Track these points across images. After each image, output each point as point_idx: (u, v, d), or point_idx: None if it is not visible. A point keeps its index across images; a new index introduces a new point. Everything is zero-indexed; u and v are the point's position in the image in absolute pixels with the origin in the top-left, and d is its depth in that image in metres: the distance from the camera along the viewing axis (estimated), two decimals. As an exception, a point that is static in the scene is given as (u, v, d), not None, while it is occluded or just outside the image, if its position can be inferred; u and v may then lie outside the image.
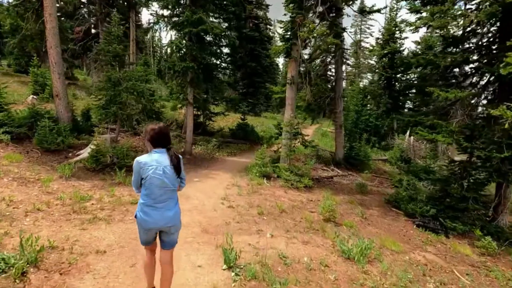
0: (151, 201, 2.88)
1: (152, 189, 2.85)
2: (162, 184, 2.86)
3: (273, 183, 9.70)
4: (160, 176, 2.84)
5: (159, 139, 2.94)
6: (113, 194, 7.06)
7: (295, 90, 10.80)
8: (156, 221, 2.90)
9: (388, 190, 11.40)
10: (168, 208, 2.96)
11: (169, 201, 2.96)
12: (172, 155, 2.95)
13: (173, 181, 2.94)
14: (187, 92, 11.79)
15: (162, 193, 2.89)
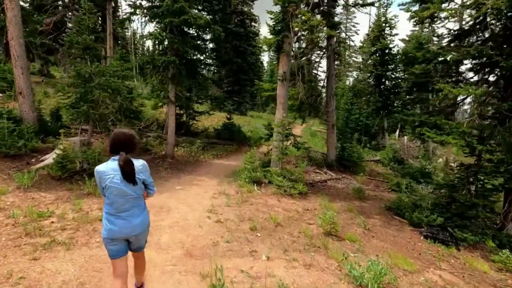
0: (114, 211, 2.76)
1: (113, 198, 2.73)
2: (122, 193, 2.72)
3: (264, 190, 8.79)
4: (117, 185, 2.70)
5: (115, 146, 2.74)
6: (79, 209, 6.01)
7: (287, 87, 9.92)
8: (122, 230, 2.78)
9: (386, 195, 10.69)
10: (134, 216, 2.83)
11: (134, 209, 2.84)
12: (121, 162, 2.65)
13: (135, 189, 2.78)
14: (169, 90, 10.74)
15: (124, 202, 2.76)
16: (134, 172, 2.72)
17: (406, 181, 11.42)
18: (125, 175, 2.67)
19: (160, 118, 15.73)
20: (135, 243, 2.97)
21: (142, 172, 2.82)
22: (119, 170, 2.66)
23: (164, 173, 9.73)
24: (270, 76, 44.67)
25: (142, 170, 2.83)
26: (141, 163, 2.85)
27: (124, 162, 2.65)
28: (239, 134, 16.27)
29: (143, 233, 2.96)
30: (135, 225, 2.83)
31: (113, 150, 2.74)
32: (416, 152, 16.09)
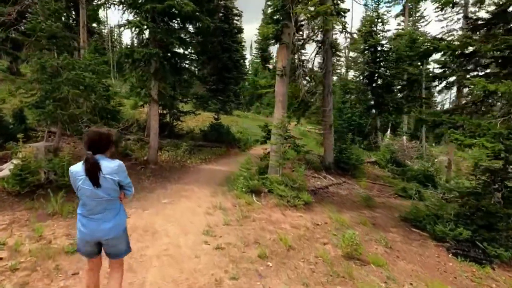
0: (86, 212, 2.67)
1: (85, 200, 2.64)
2: (94, 195, 2.60)
3: (265, 201, 7.67)
4: (89, 186, 2.57)
5: (87, 145, 2.61)
6: (39, 236, 4.71)
7: (287, 84, 8.84)
8: (93, 233, 2.68)
9: (393, 202, 9.80)
10: (106, 220, 2.69)
11: (106, 212, 2.69)
12: (84, 162, 2.54)
13: (109, 191, 2.63)
14: (151, 87, 9.43)
15: (96, 204, 2.64)
16: (97, 173, 2.55)
17: (412, 185, 10.59)
18: (88, 176, 2.54)
19: (141, 118, 14.32)
20: (108, 248, 2.82)
21: (117, 173, 2.65)
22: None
23: (147, 182, 8.44)
24: (254, 75, 43.57)
25: (117, 171, 2.66)
26: (117, 163, 2.67)
27: (86, 162, 2.53)
28: (228, 136, 15.06)
29: (116, 239, 2.78)
30: (107, 229, 2.69)
31: (86, 150, 2.59)
32: (415, 153, 15.40)
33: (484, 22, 6.94)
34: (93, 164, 2.52)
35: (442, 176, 13.29)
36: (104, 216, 2.68)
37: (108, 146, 2.71)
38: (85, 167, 2.53)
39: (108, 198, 2.65)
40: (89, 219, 2.66)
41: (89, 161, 2.52)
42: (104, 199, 2.64)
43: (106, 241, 2.74)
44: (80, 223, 2.69)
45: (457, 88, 11.64)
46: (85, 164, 2.53)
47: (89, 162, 2.52)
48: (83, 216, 2.68)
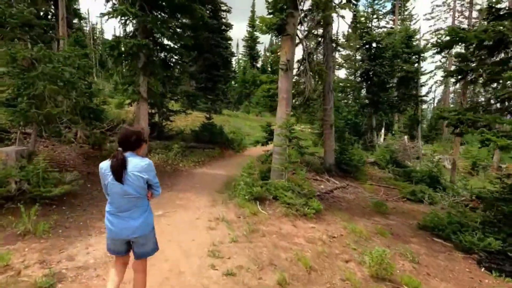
0: (114, 210, 2.64)
1: (113, 196, 2.61)
2: (122, 192, 2.57)
3: (271, 209, 6.86)
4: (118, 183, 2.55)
5: (119, 142, 2.64)
6: (6, 265, 3.76)
7: (292, 79, 8.06)
8: (120, 231, 2.65)
9: (404, 206, 9.16)
10: (133, 218, 2.65)
11: (133, 210, 2.65)
12: (112, 158, 2.55)
13: (137, 188, 2.60)
14: (139, 83, 8.48)
15: (126, 202, 2.61)
16: (122, 169, 2.52)
17: (420, 188, 9.99)
18: (112, 172, 2.53)
19: (127, 118, 13.27)
20: (137, 246, 2.76)
21: (146, 172, 2.63)
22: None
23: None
24: (242, 73, 42.69)
25: (146, 169, 2.63)
26: (146, 162, 2.66)
27: (114, 158, 2.54)
28: (221, 136, 14.16)
29: (144, 237, 2.74)
30: (134, 227, 2.64)
31: (119, 146, 2.61)
32: (416, 153, 14.91)
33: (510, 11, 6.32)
34: (119, 161, 2.53)
35: (446, 177, 12.79)
36: (132, 214, 2.65)
37: (139, 144, 2.68)
38: (111, 163, 2.54)
39: (137, 195, 2.62)
40: (117, 216, 2.63)
41: (116, 157, 2.54)
42: (132, 196, 2.60)
43: (134, 239, 2.70)
44: (108, 221, 2.67)
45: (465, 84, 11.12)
46: (112, 160, 2.55)
47: (116, 158, 2.53)
48: (110, 214, 2.66)
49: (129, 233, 2.65)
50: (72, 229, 5.07)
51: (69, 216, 5.55)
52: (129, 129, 2.70)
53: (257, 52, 49.30)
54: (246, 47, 47.78)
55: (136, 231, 2.66)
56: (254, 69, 45.40)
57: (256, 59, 48.86)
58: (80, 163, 8.58)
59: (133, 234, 2.66)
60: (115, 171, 2.52)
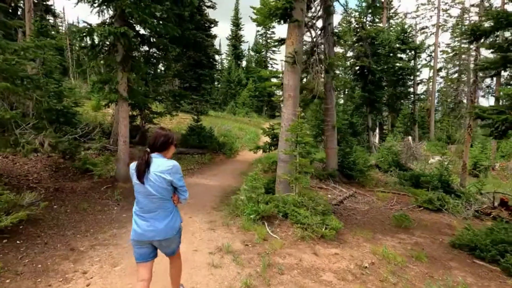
0: (139, 210, 2.67)
1: (138, 197, 2.67)
2: (146, 192, 2.60)
3: (282, 231, 5.66)
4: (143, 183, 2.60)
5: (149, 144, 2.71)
6: None
7: (300, 73, 6.90)
8: (145, 233, 2.63)
9: (423, 217, 8.13)
10: (158, 220, 2.64)
11: (158, 212, 2.65)
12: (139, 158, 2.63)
13: (160, 189, 2.61)
14: (118, 80, 7.12)
15: (149, 202, 2.63)
16: (144, 169, 2.57)
17: (438, 195, 9.02)
18: (137, 171, 2.58)
19: (105, 122, 11.79)
20: (162, 249, 2.80)
21: (170, 174, 2.64)
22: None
23: (116, 210, 6.17)
24: (227, 73, 41.34)
25: (170, 171, 2.64)
26: (172, 163, 2.68)
27: (140, 158, 2.61)
28: (211, 140, 12.84)
29: (168, 240, 2.72)
30: (159, 229, 2.64)
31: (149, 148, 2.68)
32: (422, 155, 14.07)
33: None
34: (143, 160, 2.58)
35: (455, 180, 11.93)
36: (156, 216, 2.64)
37: (166, 146, 2.73)
38: (137, 163, 2.61)
39: (159, 196, 2.61)
40: (142, 218, 2.64)
41: (142, 157, 2.60)
42: (155, 197, 2.60)
43: (158, 242, 2.68)
44: (134, 222, 2.68)
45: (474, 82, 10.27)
46: (138, 160, 2.62)
47: (142, 158, 2.59)
48: (136, 215, 2.68)
49: (153, 235, 2.63)
50: (26, 276, 3.71)
51: (24, 254, 4.18)
52: (159, 131, 2.76)
53: (241, 51, 48.07)
54: (231, 46, 46.44)
55: (160, 233, 2.63)
56: (239, 69, 44.16)
57: (240, 59, 47.62)
58: (47, 177, 7.14)
59: (157, 237, 2.64)
60: (138, 170, 2.57)
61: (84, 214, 5.70)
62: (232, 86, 40.36)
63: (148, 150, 2.64)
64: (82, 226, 5.23)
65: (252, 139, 17.18)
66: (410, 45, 18.00)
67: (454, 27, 40.74)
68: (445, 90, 42.62)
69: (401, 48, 18.07)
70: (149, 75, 10.85)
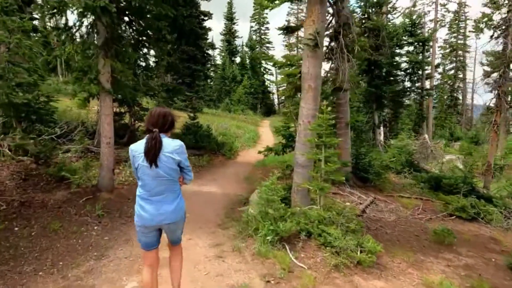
0: (146, 193, 2.53)
1: (145, 179, 2.51)
2: (154, 174, 2.48)
3: (308, 256, 4.47)
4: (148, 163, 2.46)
5: (150, 123, 2.55)
6: None
7: (322, 60, 5.71)
8: (153, 217, 2.52)
9: (459, 227, 7.03)
10: (166, 202, 2.55)
11: (166, 194, 2.56)
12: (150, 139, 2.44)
13: (169, 171, 2.51)
14: (99, 68, 5.84)
15: (157, 184, 2.51)
16: (158, 151, 2.45)
17: (471, 201, 7.93)
18: (147, 153, 2.42)
19: (89, 120, 10.45)
20: (169, 233, 2.73)
21: (178, 153, 2.54)
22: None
23: (96, 230, 4.91)
24: (222, 69, 39.96)
25: (178, 151, 2.55)
26: (178, 143, 2.59)
27: (151, 139, 2.44)
28: (208, 140, 11.57)
29: (177, 223, 2.66)
30: (168, 212, 2.55)
31: (148, 128, 2.55)
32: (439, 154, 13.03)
33: None
34: (156, 142, 2.44)
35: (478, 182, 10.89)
36: (165, 198, 2.54)
37: (172, 126, 2.65)
38: (147, 144, 2.44)
39: (168, 178, 2.52)
40: (149, 201, 2.52)
41: (154, 138, 2.44)
42: (164, 178, 2.51)
43: (167, 225, 2.60)
44: (139, 206, 2.55)
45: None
46: (149, 141, 2.44)
47: (153, 139, 2.44)
48: (142, 199, 2.54)
49: (161, 219, 2.53)
50: None
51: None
52: (164, 109, 2.62)
53: (235, 47, 46.70)
54: (224, 41, 45.02)
55: (169, 216, 2.55)
56: (234, 65, 42.83)
57: (235, 54, 46.25)
58: (12, 188, 5.83)
59: (166, 220, 2.55)
60: (150, 152, 2.42)
61: (54, 238, 4.43)
62: (227, 82, 39.00)
63: (157, 130, 2.47)
64: (48, 257, 3.96)
65: (252, 138, 15.95)
66: (419, 37, 16.97)
67: (452, 22, 40.03)
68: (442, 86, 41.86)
69: (409, 41, 17.03)
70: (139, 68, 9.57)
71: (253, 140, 15.64)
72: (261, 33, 49.10)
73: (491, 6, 13.02)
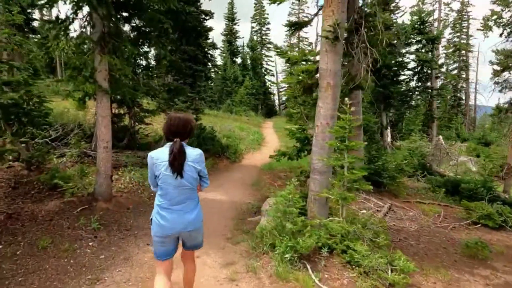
0: (167, 203, 2.47)
1: (166, 188, 2.45)
2: (177, 183, 2.43)
3: (332, 278, 3.91)
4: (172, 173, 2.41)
5: (169, 131, 2.47)
6: None
7: (341, 55, 5.16)
8: (174, 225, 2.47)
9: (487, 237, 6.46)
10: (187, 211, 2.51)
11: (188, 202, 2.52)
12: (175, 149, 2.36)
13: (190, 179, 2.47)
14: (95, 65, 5.30)
15: (179, 193, 2.47)
16: (183, 161, 2.40)
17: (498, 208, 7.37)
18: (173, 163, 2.36)
19: (87, 122, 9.90)
20: (189, 241, 2.66)
21: (198, 162, 2.51)
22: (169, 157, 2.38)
23: (91, 247, 4.35)
24: (223, 70, 39.39)
25: (199, 159, 2.52)
26: (199, 151, 2.55)
27: (175, 149, 2.36)
28: (213, 142, 11.03)
29: (197, 230, 2.61)
30: (189, 221, 2.50)
31: (168, 136, 2.48)
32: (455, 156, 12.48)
33: None
34: (181, 152, 2.39)
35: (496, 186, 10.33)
36: (186, 207, 2.50)
37: (192, 133, 2.58)
38: (172, 154, 2.36)
39: (190, 187, 2.49)
40: (170, 210, 2.46)
41: (179, 148, 2.37)
42: (186, 188, 2.47)
43: (188, 233, 2.55)
44: (160, 216, 2.47)
45: None
46: (173, 150, 2.36)
47: (178, 149, 2.37)
48: (162, 208, 2.47)
49: (183, 226, 2.49)
50: None
51: None
52: (184, 116, 2.55)
53: (237, 48, 46.15)
54: (226, 41, 44.46)
55: (191, 224, 2.51)
56: (235, 66, 42.29)
57: (236, 55, 45.69)
58: (0, 197, 5.29)
59: (187, 228, 2.51)
60: (176, 162, 2.35)
61: (42, 258, 3.88)
62: (228, 83, 38.44)
63: (178, 139, 2.39)
64: (34, 282, 3.41)
65: (256, 140, 15.38)
66: (428, 35, 16.42)
67: (455, 22, 39.54)
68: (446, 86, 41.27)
69: (417, 39, 16.49)
70: (139, 67, 9.05)
71: (258, 142, 15.08)
72: (262, 33, 48.60)
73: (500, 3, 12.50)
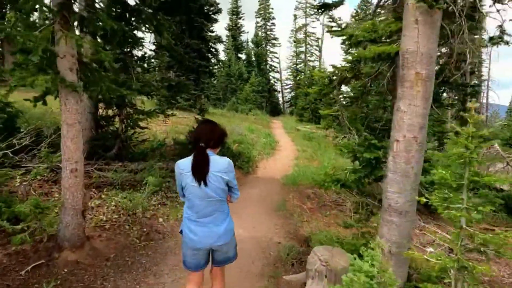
0: (195, 215, 2.36)
1: (193, 200, 2.33)
2: (203, 195, 2.29)
3: None
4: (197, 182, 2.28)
5: (195, 139, 2.38)
6: None
7: (438, 31, 3.29)
8: (204, 240, 2.35)
9: None
10: (217, 224, 2.37)
11: (216, 215, 2.37)
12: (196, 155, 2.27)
13: (218, 190, 2.32)
14: (55, 48, 3.44)
15: (206, 205, 2.32)
16: (205, 169, 2.25)
17: None
18: (194, 171, 2.23)
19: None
20: (220, 255, 2.51)
21: (227, 173, 2.34)
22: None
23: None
24: (227, 66, 37.41)
25: (227, 169, 2.35)
26: (227, 160, 2.38)
27: (197, 156, 2.26)
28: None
29: (228, 244, 2.47)
30: (219, 234, 2.37)
31: (194, 142, 2.38)
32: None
33: None
34: (203, 159, 2.25)
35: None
36: (215, 220, 2.36)
37: (221, 142, 2.47)
38: (194, 161, 2.25)
39: (218, 198, 2.34)
40: (198, 223, 2.35)
41: (201, 154, 2.26)
42: (214, 199, 2.32)
43: (219, 247, 2.42)
44: (188, 229, 2.37)
45: None
46: (195, 157, 2.26)
47: (200, 155, 2.26)
48: (191, 221, 2.37)
49: (213, 241, 2.36)
50: None
51: None
52: (211, 122, 2.45)
53: (241, 43, 44.25)
54: (230, 36, 42.50)
55: (220, 238, 2.38)
56: (240, 62, 40.40)
57: (241, 51, 43.78)
58: None
59: (217, 242, 2.38)
60: (197, 170, 2.24)
61: None
62: (233, 80, 36.53)
63: (203, 145, 2.27)
64: None
65: (269, 144, 13.34)
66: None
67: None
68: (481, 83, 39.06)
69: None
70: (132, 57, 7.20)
71: (271, 147, 13.12)
72: (267, 29, 46.78)
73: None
